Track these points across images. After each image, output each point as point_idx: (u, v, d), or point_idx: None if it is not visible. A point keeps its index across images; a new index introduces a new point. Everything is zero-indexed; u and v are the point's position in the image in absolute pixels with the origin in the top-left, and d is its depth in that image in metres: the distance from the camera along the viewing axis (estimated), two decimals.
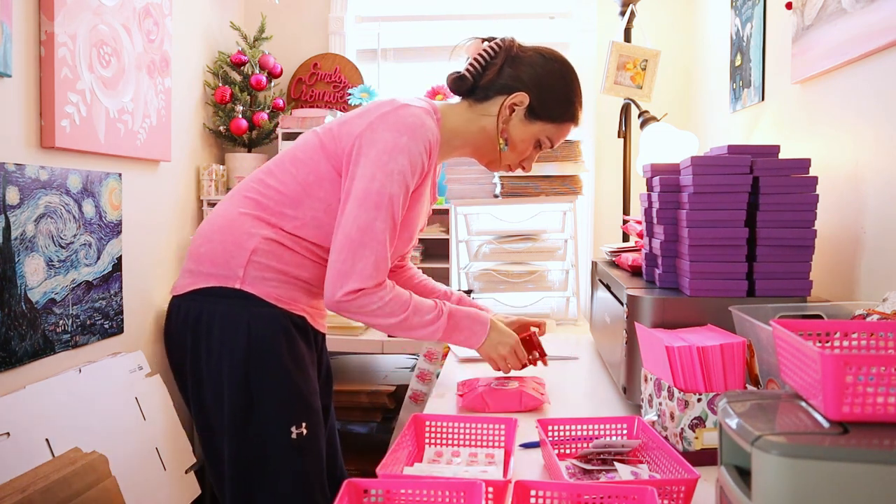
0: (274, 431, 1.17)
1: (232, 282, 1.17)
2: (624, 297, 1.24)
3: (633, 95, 2.16)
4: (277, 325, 1.18)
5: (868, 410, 0.60)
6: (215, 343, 1.16)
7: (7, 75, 1.56)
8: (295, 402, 1.19)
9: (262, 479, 1.17)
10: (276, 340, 1.17)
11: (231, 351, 1.15)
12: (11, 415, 1.53)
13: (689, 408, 0.95)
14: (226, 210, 1.24)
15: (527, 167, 1.35)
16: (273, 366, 1.17)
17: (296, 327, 1.21)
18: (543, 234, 2.28)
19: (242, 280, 1.17)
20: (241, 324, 1.16)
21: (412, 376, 2.03)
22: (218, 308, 1.17)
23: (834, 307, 1.02)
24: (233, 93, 2.53)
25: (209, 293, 1.18)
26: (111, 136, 1.92)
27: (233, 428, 1.16)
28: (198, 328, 1.18)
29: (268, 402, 1.16)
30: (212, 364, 1.17)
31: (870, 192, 1.21)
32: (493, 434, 1.03)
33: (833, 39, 1.30)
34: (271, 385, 1.17)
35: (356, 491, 0.76)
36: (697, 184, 1.15)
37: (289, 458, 1.17)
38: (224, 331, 1.16)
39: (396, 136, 1.14)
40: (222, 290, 1.17)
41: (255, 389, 1.16)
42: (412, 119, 1.16)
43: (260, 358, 1.16)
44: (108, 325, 1.96)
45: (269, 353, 1.17)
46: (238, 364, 1.15)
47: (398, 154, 1.13)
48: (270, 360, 1.17)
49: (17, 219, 1.61)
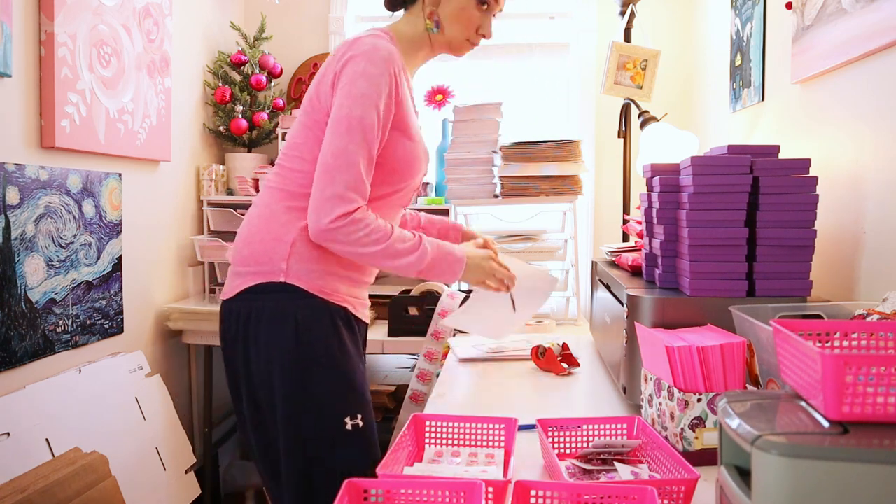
0: (328, 420, 1.19)
1: (276, 276, 1.20)
2: (624, 297, 1.24)
3: (633, 95, 2.16)
4: (324, 316, 1.21)
5: (868, 410, 0.60)
6: (263, 338, 1.19)
7: (7, 75, 1.56)
8: (347, 392, 1.20)
9: (321, 470, 1.18)
10: (323, 331, 1.20)
11: (280, 343, 1.18)
12: (11, 415, 1.53)
13: (689, 408, 0.95)
14: (259, 209, 1.27)
15: (487, 33, 1.37)
16: (322, 356, 1.19)
17: (341, 318, 1.24)
18: (543, 234, 2.28)
19: (286, 273, 1.20)
20: (289, 316, 1.18)
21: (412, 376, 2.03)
22: (266, 304, 1.20)
23: (834, 307, 1.02)
24: (233, 93, 2.53)
25: (256, 291, 1.21)
26: (111, 136, 1.92)
27: (286, 421, 1.18)
28: (248, 327, 1.21)
29: (319, 393, 1.18)
30: (261, 360, 1.19)
31: (870, 192, 1.21)
32: (493, 434, 1.03)
33: (833, 39, 1.30)
34: (322, 375, 1.19)
35: (356, 491, 0.76)
36: (697, 184, 1.15)
37: (345, 449, 1.19)
38: (272, 324, 1.19)
39: (355, 65, 1.18)
40: (268, 286, 1.20)
41: (307, 380, 1.18)
42: (365, 46, 1.20)
43: (309, 348, 1.18)
44: (108, 325, 1.96)
45: (317, 344, 1.19)
46: (288, 355, 1.18)
47: (359, 79, 1.17)
48: (319, 350, 1.19)
49: (17, 219, 1.61)
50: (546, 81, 2.75)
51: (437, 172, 2.53)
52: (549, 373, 1.52)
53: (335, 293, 1.24)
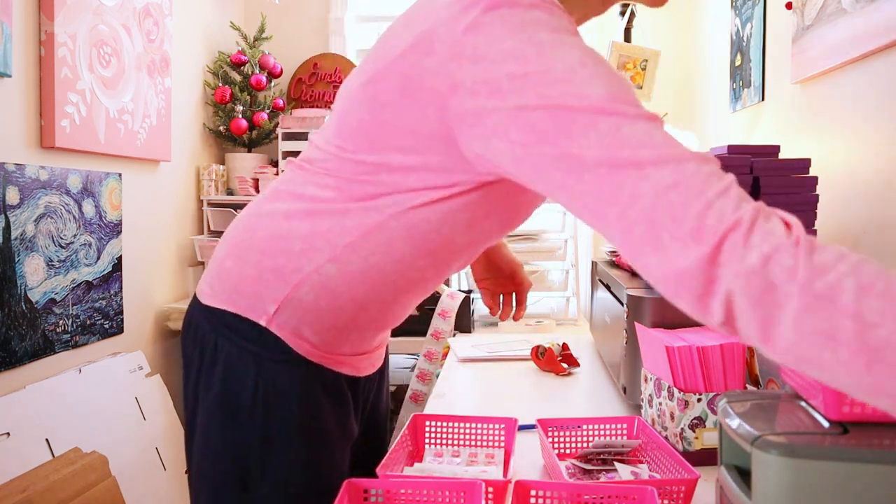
0: None
1: (256, 316, 0.82)
2: (624, 297, 1.24)
3: None
4: (297, 390, 0.85)
5: (868, 410, 0.60)
6: (215, 389, 0.85)
7: (7, 75, 1.56)
8: (304, 490, 0.86)
9: None
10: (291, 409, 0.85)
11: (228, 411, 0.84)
12: (11, 415, 1.53)
13: (689, 408, 0.95)
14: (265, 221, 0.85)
15: None
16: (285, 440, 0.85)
17: (325, 389, 0.87)
18: (543, 234, 2.28)
19: (271, 318, 0.82)
20: (248, 384, 0.83)
21: (412, 376, 2.03)
22: (225, 345, 0.84)
23: None
24: (233, 93, 2.53)
25: (223, 320, 0.85)
26: (111, 136, 1.92)
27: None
28: (202, 360, 0.87)
29: (268, 486, 0.84)
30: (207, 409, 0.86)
31: (870, 192, 1.21)
32: (493, 434, 1.03)
33: (833, 39, 1.30)
34: (277, 463, 0.85)
35: (356, 491, 0.76)
36: None
37: None
38: (227, 382, 0.84)
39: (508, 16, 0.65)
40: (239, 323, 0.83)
41: (255, 467, 0.84)
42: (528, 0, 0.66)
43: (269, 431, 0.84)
44: (108, 325, 1.96)
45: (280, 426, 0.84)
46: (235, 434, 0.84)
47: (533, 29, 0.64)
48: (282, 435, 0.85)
49: (17, 219, 1.61)
50: None
51: None
52: (549, 373, 1.52)
53: (331, 354, 0.86)
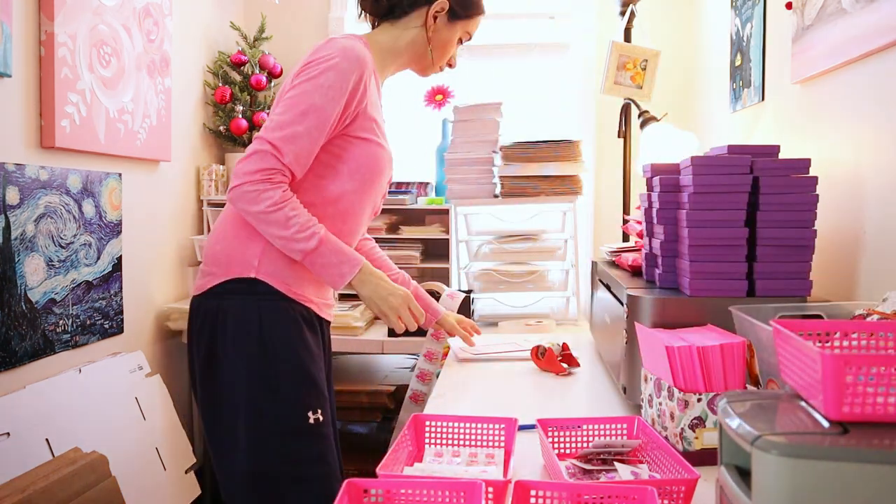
0: (292, 417, 1.21)
1: (247, 271, 1.23)
2: (624, 297, 1.24)
3: (633, 95, 2.16)
4: (287, 317, 1.24)
5: (868, 410, 0.60)
6: (230, 338, 1.22)
7: (7, 75, 1.56)
8: (311, 388, 1.24)
9: (284, 466, 1.21)
10: (286, 331, 1.23)
11: (246, 344, 1.21)
12: (11, 415, 1.53)
13: (689, 408, 0.95)
14: (231, 209, 1.29)
15: (453, 64, 1.47)
16: (287, 354, 1.22)
17: (303, 319, 1.27)
18: (543, 234, 2.28)
19: (258, 269, 1.23)
20: (253, 318, 1.22)
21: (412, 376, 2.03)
22: (231, 304, 1.23)
23: (834, 307, 1.02)
24: (233, 93, 2.53)
25: (224, 290, 1.24)
26: (111, 136, 1.92)
27: (252, 417, 1.21)
28: (215, 326, 1.24)
29: (285, 390, 1.21)
30: (228, 359, 1.22)
31: (870, 192, 1.21)
32: (493, 434, 1.03)
33: (833, 39, 1.30)
34: (287, 373, 1.22)
35: (356, 491, 0.76)
36: (697, 184, 1.15)
37: (308, 441, 1.22)
38: (238, 325, 1.22)
39: (327, 56, 1.21)
40: (237, 283, 1.23)
41: (272, 377, 1.21)
42: (340, 44, 1.23)
43: (274, 348, 1.22)
44: (108, 325, 1.96)
45: (281, 343, 1.22)
46: (253, 355, 1.21)
47: (327, 70, 1.19)
48: (283, 350, 1.22)
49: (17, 219, 1.61)
50: (546, 81, 2.75)
51: (437, 172, 2.53)
52: (549, 373, 1.52)
53: (301, 294, 1.27)
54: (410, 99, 2.60)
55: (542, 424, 1.01)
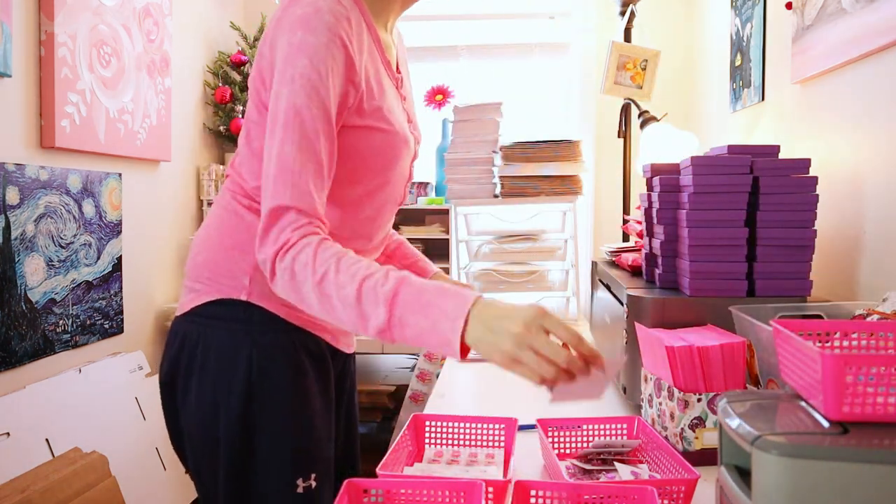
0: (277, 485, 0.99)
1: (237, 292, 0.99)
2: (624, 297, 1.24)
3: (633, 95, 2.16)
4: (286, 357, 1.00)
5: (868, 410, 0.60)
6: (210, 377, 0.99)
7: (7, 75, 1.56)
8: (303, 448, 1.01)
9: None
10: (282, 376, 0.99)
11: (229, 388, 0.98)
12: (11, 415, 1.53)
13: (689, 408, 0.95)
14: (217, 212, 1.05)
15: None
16: (277, 406, 0.99)
17: (309, 355, 1.03)
18: (543, 234, 2.28)
19: (249, 291, 0.98)
20: (241, 354, 0.98)
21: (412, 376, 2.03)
22: (216, 333, 0.99)
23: (834, 307, 1.02)
24: (233, 93, 2.53)
25: (209, 314, 1.00)
26: (111, 136, 1.92)
27: (230, 479, 1.00)
28: (193, 357, 1.00)
29: (270, 451, 0.99)
30: (205, 402, 0.99)
31: (870, 192, 1.21)
32: (493, 434, 1.03)
33: (833, 39, 1.30)
34: (275, 430, 0.99)
35: (356, 491, 0.76)
36: (697, 184, 1.15)
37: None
38: (221, 362, 0.98)
39: (290, 37, 0.90)
40: (225, 305, 0.99)
41: (256, 435, 0.98)
42: (304, 10, 0.90)
43: (263, 398, 0.98)
44: (108, 325, 1.95)
45: (273, 392, 0.98)
46: (235, 403, 0.97)
47: (295, 56, 0.89)
48: (274, 400, 0.99)
49: (17, 219, 1.61)
50: (546, 81, 2.75)
51: (437, 172, 2.53)
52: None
53: (308, 320, 1.01)
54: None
55: (542, 424, 1.01)
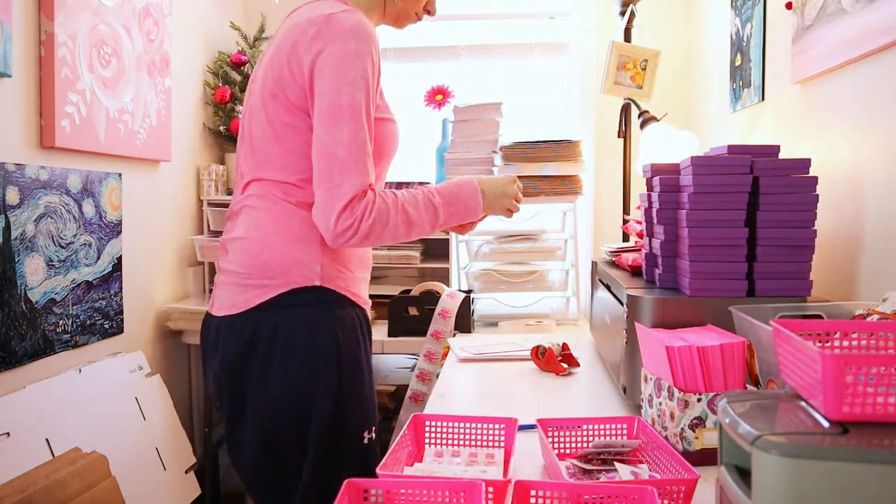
0: (356, 437, 1.17)
1: (310, 280, 1.12)
2: (624, 297, 1.24)
3: (633, 95, 2.16)
4: (355, 328, 1.17)
5: (868, 410, 0.60)
6: (298, 356, 1.11)
7: (7, 75, 1.56)
8: (370, 406, 1.19)
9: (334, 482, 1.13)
10: (358, 345, 1.16)
11: (320, 363, 1.12)
12: (11, 415, 1.53)
13: (689, 408, 0.95)
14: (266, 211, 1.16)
15: (432, 10, 1.34)
16: (357, 372, 1.15)
17: (363, 325, 1.21)
18: (543, 234, 2.28)
19: (321, 276, 1.13)
20: (329, 333, 1.12)
21: (412, 376, 2.03)
22: (297, 318, 1.12)
23: (834, 307, 1.02)
24: (233, 93, 2.53)
25: (284, 303, 1.12)
26: (111, 136, 1.92)
27: (318, 440, 1.13)
28: (273, 344, 1.12)
29: (352, 410, 1.15)
30: (294, 379, 1.12)
31: (870, 192, 1.21)
32: (493, 434, 1.03)
33: (833, 39, 1.30)
34: (355, 392, 1.15)
35: (356, 491, 0.76)
36: (697, 184, 1.15)
37: (366, 463, 1.16)
38: (310, 341, 1.12)
39: (343, 45, 1.09)
40: (300, 294, 1.12)
41: (344, 399, 1.14)
42: (347, 23, 1.11)
43: (348, 366, 1.14)
44: (108, 325, 1.96)
45: (354, 360, 1.15)
46: (329, 375, 1.12)
47: (351, 60, 1.09)
48: (355, 367, 1.15)
49: (17, 219, 1.61)
50: (546, 81, 2.75)
51: (437, 172, 2.53)
52: (549, 373, 1.52)
53: (358, 294, 1.20)
54: (410, 99, 2.61)
55: (542, 424, 1.01)
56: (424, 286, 2.20)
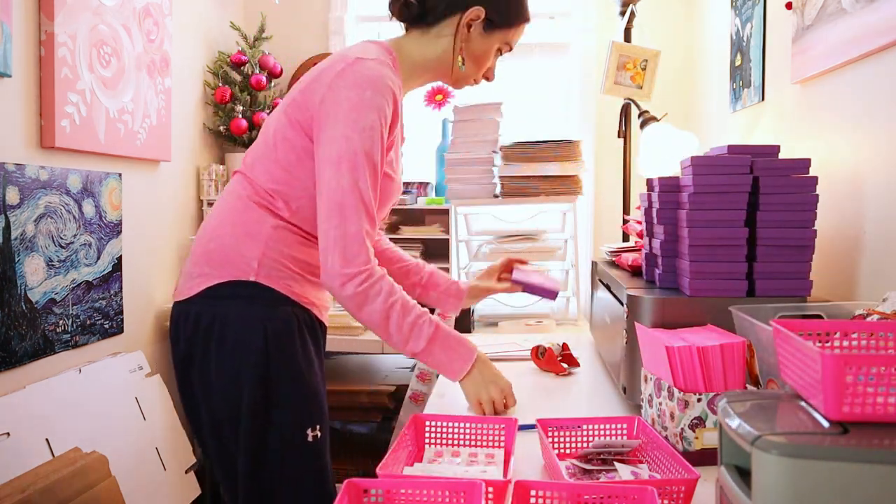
0: (292, 435, 1.15)
1: (246, 274, 1.14)
2: (624, 297, 1.24)
3: (633, 95, 2.16)
4: (292, 325, 1.16)
5: (868, 410, 0.60)
6: (229, 347, 1.14)
7: (7, 75, 1.56)
8: (311, 403, 1.18)
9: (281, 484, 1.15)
10: (291, 341, 1.16)
11: (248, 356, 1.13)
12: (11, 415, 1.53)
13: (689, 408, 0.95)
14: (227, 206, 1.21)
15: (490, 77, 1.35)
16: (290, 368, 1.15)
17: (306, 326, 1.20)
18: (543, 234, 2.28)
19: (257, 272, 1.14)
20: (257, 325, 1.13)
21: (412, 376, 2.03)
22: (231, 310, 1.14)
23: (834, 307, 1.02)
24: (233, 93, 2.53)
25: (220, 294, 1.15)
26: (111, 136, 1.92)
27: (251, 433, 1.14)
28: (210, 333, 1.15)
29: (285, 406, 1.15)
30: (225, 370, 1.14)
31: (870, 192, 1.21)
32: (493, 434, 1.03)
33: (833, 39, 1.30)
34: (288, 388, 1.15)
35: (356, 491, 0.76)
36: (697, 184, 1.15)
37: (307, 461, 1.16)
38: (239, 333, 1.14)
39: (360, 93, 1.11)
40: (235, 286, 1.15)
41: (273, 393, 1.14)
42: (371, 72, 1.13)
43: (277, 362, 1.14)
44: (108, 325, 1.96)
45: (285, 355, 1.15)
46: (255, 368, 1.13)
47: (366, 110, 1.11)
48: (287, 363, 1.15)
49: (17, 219, 1.61)
50: (546, 81, 2.75)
51: (437, 172, 2.53)
52: (549, 373, 1.52)
53: (303, 295, 1.20)
54: (410, 99, 2.60)
55: (542, 424, 1.01)
56: None
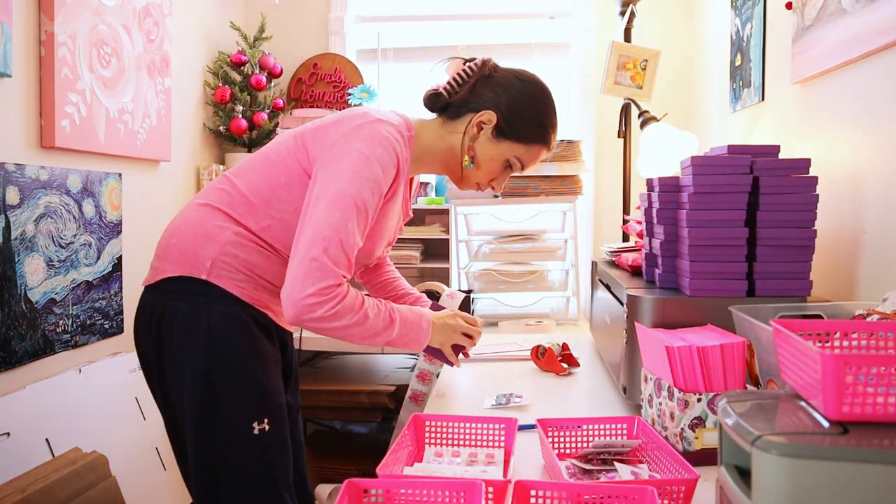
0: (235, 427, 1.17)
1: (198, 272, 1.17)
2: (624, 297, 1.24)
3: (633, 95, 2.16)
4: (238, 323, 1.18)
5: (868, 410, 0.60)
6: (177, 342, 1.17)
7: (7, 75, 1.56)
8: (257, 397, 1.18)
9: (225, 476, 1.17)
10: (235, 338, 1.17)
11: (191, 350, 1.16)
12: (11, 415, 1.53)
13: (689, 408, 0.95)
14: (195, 207, 1.24)
15: (497, 188, 1.34)
16: (233, 362, 1.17)
17: (257, 324, 1.21)
18: (543, 234, 2.28)
19: (209, 272, 1.17)
20: (201, 323, 1.16)
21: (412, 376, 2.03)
22: (180, 306, 1.17)
23: (834, 307, 1.02)
24: (233, 93, 2.53)
25: (173, 289, 1.18)
26: (111, 136, 1.92)
27: (195, 426, 1.17)
28: (161, 326, 1.18)
29: (228, 399, 1.16)
30: (174, 363, 1.18)
31: (870, 192, 1.21)
32: (493, 434, 1.03)
33: (833, 39, 1.30)
34: (231, 381, 1.17)
35: (356, 491, 0.76)
36: (697, 184, 1.15)
37: (251, 453, 1.17)
38: (184, 330, 1.17)
39: (372, 147, 1.15)
40: (187, 283, 1.17)
41: (217, 386, 1.16)
42: (386, 134, 1.17)
43: (220, 356, 1.16)
44: (108, 325, 1.96)
45: (228, 351, 1.16)
46: (198, 363, 1.15)
47: (374, 163, 1.14)
48: (230, 357, 1.17)
49: (17, 219, 1.61)
50: (546, 81, 2.75)
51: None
52: (549, 373, 1.52)
53: (258, 299, 1.21)
54: (410, 98, 2.60)
55: (542, 424, 1.01)
56: (424, 286, 2.20)
